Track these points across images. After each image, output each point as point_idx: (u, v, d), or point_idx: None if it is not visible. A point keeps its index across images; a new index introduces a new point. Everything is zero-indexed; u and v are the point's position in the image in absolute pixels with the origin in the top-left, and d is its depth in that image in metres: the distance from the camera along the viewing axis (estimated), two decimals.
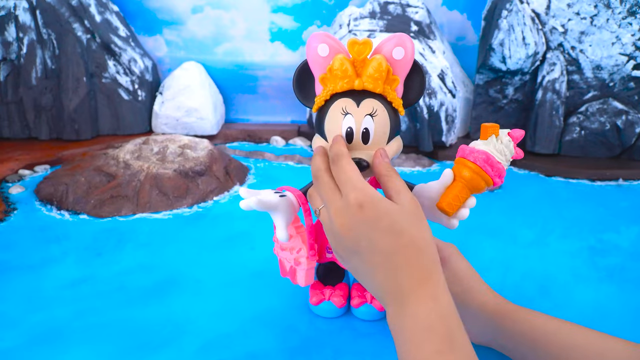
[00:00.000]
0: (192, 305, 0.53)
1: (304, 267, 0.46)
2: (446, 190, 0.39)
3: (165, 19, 1.38)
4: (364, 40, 0.39)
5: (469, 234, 0.73)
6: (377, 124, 0.40)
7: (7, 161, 1.00)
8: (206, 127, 1.28)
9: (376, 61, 0.39)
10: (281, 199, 0.41)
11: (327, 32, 0.40)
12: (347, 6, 1.37)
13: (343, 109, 0.40)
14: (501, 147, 0.38)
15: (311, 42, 0.40)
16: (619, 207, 0.88)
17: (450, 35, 1.44)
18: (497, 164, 0.38)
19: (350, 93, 0.40)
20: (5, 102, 1.18)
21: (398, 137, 0.43)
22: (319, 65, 0.41)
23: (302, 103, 0.44)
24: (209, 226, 0.75)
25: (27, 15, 1.16)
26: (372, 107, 0.40)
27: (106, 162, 0.88)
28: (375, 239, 0.33)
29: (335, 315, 0.51)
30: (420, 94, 0.43)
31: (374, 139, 0.40)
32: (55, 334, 0.48)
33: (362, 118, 0.40)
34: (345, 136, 0.40)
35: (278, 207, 0.41)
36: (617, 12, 1.09)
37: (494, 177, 0.38)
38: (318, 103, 0.41)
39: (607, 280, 0.60)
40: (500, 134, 0.38)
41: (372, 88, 0.39)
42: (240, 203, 0.39)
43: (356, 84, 0.39)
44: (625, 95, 1.12)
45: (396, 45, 0.40)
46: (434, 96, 1.13)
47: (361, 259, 0.35)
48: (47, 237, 0.70)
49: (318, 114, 0.42)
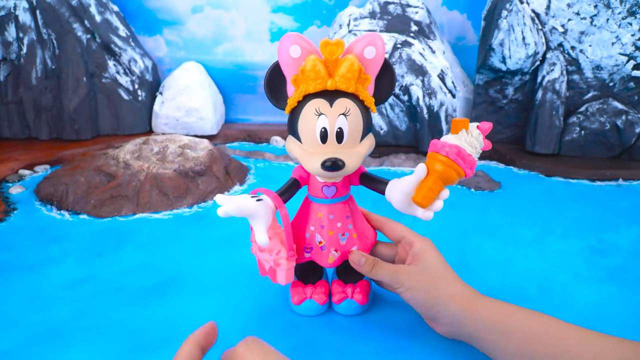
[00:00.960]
0: (192, 305, 0.53)
1: (283, 268, 0.46)
2: (420, 184, 0.40)
3: (165, 19, 1.38)
4: (336, 40, 0.40)
5: (469, 234, 0.73)
6: (350, 123, 0.40)
7: (7, 161, 1.00)
8: (206, 127, 1.28)
9: (348, 61, 0.39)
10: (259, 204, 0.41)
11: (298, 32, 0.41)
12: (347, 6, 1.37)
13: (316, 109, 0.40)
14: (471, 139, 0.39)
15: (283, 43, 0.40)
16: (619, 207, 0.88)
17: (450, 35, 1.44)
18: (468, 157, 0.39)
19: (323, 93, 0.40)
20: (5, 102, 1.18)
21: (370, 135, 0.44)
22: (290, 66, 0.41)
23: (273, 105, 0.44)
24: (209, 226, 0.75)
25: (27, 15, 1.16)
26: (345, 106, 0.40)
27: (106, 162, 0.88)
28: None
29: (318, 312, 0.50)
30: (390, 91, 0.44)
31: (348, 137, 0.41)
32: (55, 334, 0.48)
33: (335, 118, 0.40)
34: (320, 136, 0.40)
35: (256, 213, 0.40)
36: (617, 12, 1.09)
37: (465, 168, 0.39)
38: (291, 104, 0.42)
39: (607, 280, 0.60)
40: (470, 128, 0.40)
41: (344, 88, 0.40)
42: (218, 210, 0.39)
43: (329, 85, 0.39)
44: (625, 95, 1.12)
45: (367, 45, 0.40)
46: (434, 96, 1.13)
47: None
48: (47, 237, 0.70)
49: (291, 115, 0.42)
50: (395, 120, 1.16)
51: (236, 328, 0.49)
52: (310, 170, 0.42)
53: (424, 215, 0.42)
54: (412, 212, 0.42)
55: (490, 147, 0.41)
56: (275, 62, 0.42)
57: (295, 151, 0.42)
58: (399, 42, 1.17)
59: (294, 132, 0.42)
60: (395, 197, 0.42)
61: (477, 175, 0.98)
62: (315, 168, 0.41)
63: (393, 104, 1.16)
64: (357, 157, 0.41)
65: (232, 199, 0.40)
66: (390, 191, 0.43)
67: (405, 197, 0.41)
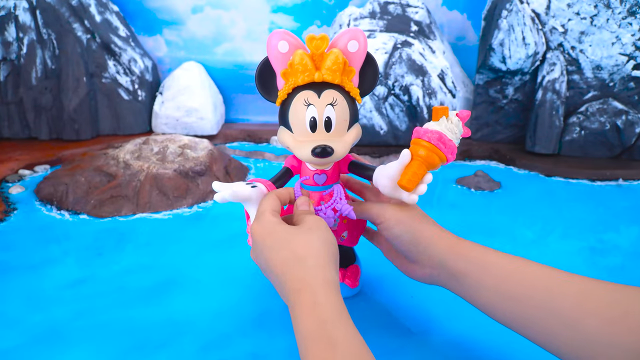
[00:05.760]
0: (192, 305, 0.53)
1: None
2: (405, 169, 0.42)
3: (165, 19, 1.38)
4: (320, 35, 0.42)
5: (469, 234, 0.73)
6: (337, 113, 0.43)
7: (7, 161, 1.00)
8: (206, 127, 1.28)
9: (333, 54, 0.42)
10: (253, 190, 0.43)
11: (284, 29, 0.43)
12: (347, 6, 1.37)
13: (305, 100, 0.42)
14: (451, 126, 0.41)
15: (271, 39, 0.43)
16: (619, 207, 0.88)
17: (450, 35, 1.44)
18: (449, 142, 0.41)
19: (311, 85, 0.43)
20: (5, 102, 1.18)
21: (357, 124, 0.46)
22: (279, 61, 0.43)
23: (265, 98, 0.46)
24: (209, 226, 0.75)
25: (27, 15, 1.16)
26: (332, 97, 0.42)
27: (106, 162, 0.88)
28: (265, 257, 0.39)
29: None
30: (374, 83, 0.47)
31: (336, 126, 0.43)
32: (55, 334, 0.48)
33: (323, 108, 0.42)
34: (310, 125, 0.43)
35: (251, 198, 0.43)
36: (617, 12, 1.09)
37: (447, 153, 0.41)
38: (281, 96, 0.44)
39: (607, 280, 0.60)
40: (450, 115, 0.42)
41: (331, 79, 0.42)
42: (215, 196, 0.41)
43: (316, 77, 0.42)
44: (625, 95, 1.12)
45: (350, 39, 0.43)
46: (434, 96, 1.13)
47: (268, 278, 0.40)
48: (47, 237, 0.70)
49: (281, 106, 0.45)
50: (395, 120, 1.16)
51: (236, 328, 0.49)
52: (301, 157, 0.44)
53: (409, 198, 0.43)
54: (398, 196, 0.44)
55: (469, 134, 0.44)
56: (265, 58, 0.44)
57: (287, 140, 0.44)
58: (399, 42, 1.17)
59: (285, 122, 0.44)
60: (382, 182, 0.44)
61: (477, 175, 0.98)
62: (306, 155, 0.43)
63: (393, 104, 1.16)
64: (344, 145, 0.44)
65: (228, 185, 0.42)
66: (377, 177, 0.45)
67: (391, 182, 0.43)
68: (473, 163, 1.15)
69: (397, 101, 1.16)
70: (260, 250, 0.39)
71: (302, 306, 0.34)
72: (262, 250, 0.39)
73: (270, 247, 0.38)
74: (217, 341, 0.47)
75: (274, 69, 0.44)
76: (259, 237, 0.39)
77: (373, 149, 1.17)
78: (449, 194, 0.92)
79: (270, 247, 0.38)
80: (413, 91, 1.13)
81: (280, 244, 0.38)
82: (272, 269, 0.38)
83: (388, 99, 1.15)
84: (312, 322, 0.33)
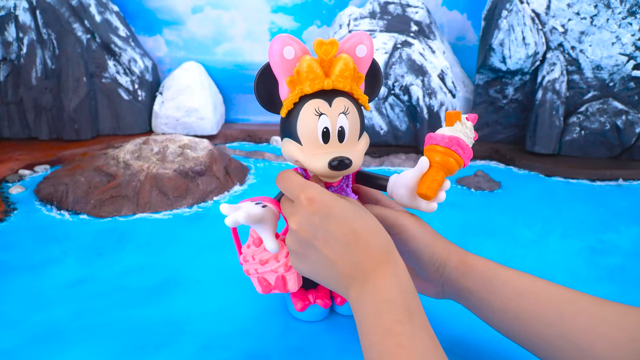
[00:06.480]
0: (192, 305, 0.53)
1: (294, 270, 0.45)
2: (423, 177, 0.41)
3: (165, 19, 1.38)
4: (330, 40, 0.39)
5: (469, 234, 0.73)
6: (350, 122, 0.40)
7: (7, 161, 1.00)
8: (206, 127, 1.28)
9: (343, 60, 0.39)
10: (265, 210, 0.40)
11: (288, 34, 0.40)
12: (347, 6, 1.37)
13: (316, 109, 0.39)
14: (466, 130, 0.41)
15: (275, 45, 0.39)
16: (619, 207, 0.88)
17: (450, 35, 1.44)
18: (466, 146, 0.41)
19: (320, 93, 0.40)
20: (5, 102, 1.18)
21: (365, 134, 0.44)
22: (283, 67, 0.40)
23: (265, 109, 0.43)
24: (209, 226, 0.75)
25: (27, 15, 1.16)
26: (344, 105, 0.40)
27: (106, 162, 0.88)
28: (330, 228, 0.36)
29: (323, 317, 0.50)
30: (378, 88, 0.45)
31: (349, 136, 0.41)
32: (55, 334, 0.48)
33: (336, 117, 0.40)
34: (322, 136, 0.40)
35: (264, 218, 0.40)
36: (617, 12, 1.09)
37: (464, 157, 0.41)
38: (287, 106, 0.41)
39: (607, 280, 0.60)
40: (463, 119, 0.41)
41: (342, 87, 0.39)
42: (226, 220, 0.39)
43: (326, 84, 0.39)
44: (625, 95, 1.12)
45: (358, 44, 0.40)
46: (434, 96, 1.13)
47: (319, 252, 0.36)
48: (47, 237, 0.70)
49: (287, 117, 0.42)
50: (395, 120, 1.16)
51: (236, 328, 0.49)
52: (315, 171, 0.41)
53: (428, 207, 0.42)
54: (415, 205, 0.43)
55: (477, 138, 0.43)
56: (265, 65, 0.41)
57: (295, 153, 0.41)
58: (399, 42, 1.17)
59: (292, 134, 0.41)
60: (398, 191, 0.43)
61: (477, 175, 0.98)
62: (321, 168, 0.40)
63: (393, 104, 1.16)
64: (359, 155, 0.41)
65: (238, 207, 0.40)
66: (393, 186, 0.44)
67: (409, 191, 0.42)
68: (473, 163, 1.15)
69: (397, 101, 1.16)
70: (326, 221, 0.36)
71: (383, 275, 0.34)
72: (328, 221, 0.36)
73: (339, 218, 0.36)
74: (217, 341, 0.47)
75: (276, 77, 0.41)
76: (323, 208, 0.36)
77: (373, 149, 1.17)
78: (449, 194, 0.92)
79: (341, 217, 0.36)
80: (413, 91, 1.13)
81: (353, 214, 0.36)
82: (341, 238, 0.35)
83: (388, 99, 1.15)
84: (395, 290, 0.33)
